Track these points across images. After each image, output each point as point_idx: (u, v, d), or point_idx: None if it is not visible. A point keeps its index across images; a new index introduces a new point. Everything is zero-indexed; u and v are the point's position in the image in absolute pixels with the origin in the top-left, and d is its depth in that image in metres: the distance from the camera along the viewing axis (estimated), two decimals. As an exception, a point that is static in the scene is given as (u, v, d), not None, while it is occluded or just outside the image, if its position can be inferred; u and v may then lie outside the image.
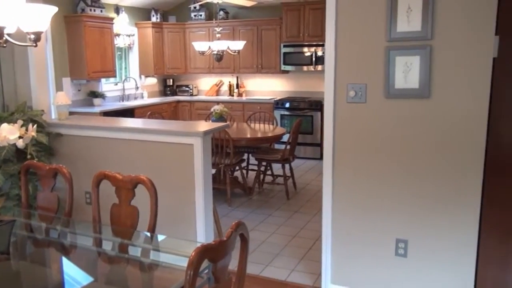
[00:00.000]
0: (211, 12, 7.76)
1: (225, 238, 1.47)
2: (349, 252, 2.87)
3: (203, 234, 3.26)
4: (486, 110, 2.43)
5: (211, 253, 1.40)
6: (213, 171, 4.56)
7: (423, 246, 2.67)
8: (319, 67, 7.01)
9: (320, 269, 3.02)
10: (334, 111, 2.77)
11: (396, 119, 2.61)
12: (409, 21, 2.48)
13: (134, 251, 2.31)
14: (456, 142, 2.51)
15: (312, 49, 7.06)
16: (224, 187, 4.92)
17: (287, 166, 5.31)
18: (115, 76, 6.96)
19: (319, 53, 6.96)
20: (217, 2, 5.65)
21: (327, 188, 2.86)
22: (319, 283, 3.08)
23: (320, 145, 6.81)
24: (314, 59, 7.06)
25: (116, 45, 7.07)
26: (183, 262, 1.39)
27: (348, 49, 2.67)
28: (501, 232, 2.58)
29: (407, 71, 2.53)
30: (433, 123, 2.53)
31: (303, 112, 7.01)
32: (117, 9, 7.14)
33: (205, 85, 8.37)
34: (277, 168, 5.86)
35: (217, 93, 8.23)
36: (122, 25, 7.23)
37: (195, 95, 8.26)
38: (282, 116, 7.16)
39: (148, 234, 2.29)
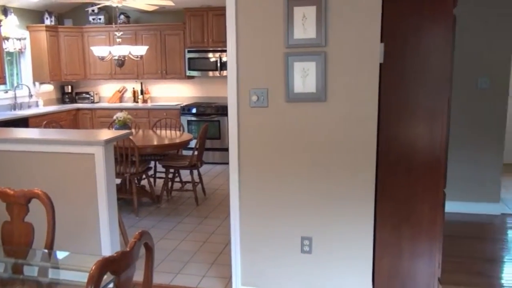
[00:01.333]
0: (111, 16, 7.48)
1: (128, 249, 1.42)
2: (257, 253, 2.93)
3: (109, 247, 3.12)
4: (376, 112, 2.63)
5: (113, 265, 1.35)
6: (118, 181, 4.40)
7: (326, 242, 2.82)
8: (224, 73, 7.08)
9: (231, 272, 3.05)
10: (238, 116, 2.82)
11: (296, 122, 2.73)
12: (304, 28, 2.61)
13: (31, 271, 2.14)
14: (351, 142, 2.68)
15: (217, 54, 7.11)
16: (131, 197, 4.76)
17: (195, 172, 5.28)
18: (4, 83, 6.40)
19: (224, 59, 7.04)
20: (117, 6, 5.46)
21: (234, 192, 2.90)
22: (230, 287, 3.11)
23: (228, 149, 6.88)
24: (219, 64, 7.12)
25: (5, 50, 6.52)
26: (85, 278, 1.33)
27: (249, 55, 2.74)
28: (393, 223, 2.82)
29: (305, 76, 2.66)
30: (330, 125, 2.69)
31: (210, 118, 7.03)
32: (5, 11, 6.58)
33: (107, 91, 8.03)
34: (185, 174, 5.80)
35: (121, 100, 7.94)
36: (11, 28, 6.68)
37: (97, 103, 7.89)
38: (189, 122, 7.11)
39: (46, 251, 2.14)
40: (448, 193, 4.96)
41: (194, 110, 7.11)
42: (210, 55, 7.14)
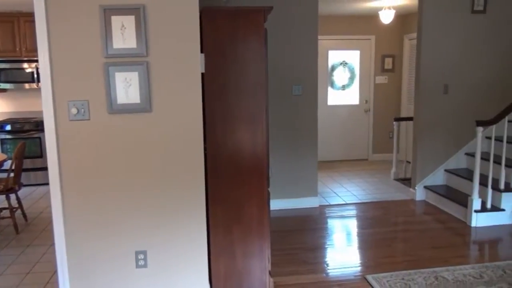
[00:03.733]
0: None
1: None
2: (89, 276, 2.75)
3: None
4: (201, 119, 2.71)
5: None
6: None
7: (162, 253, 2.79)
8: (43, 85, 6.47)
9: (60, 301, 2.79)
10: (57, 131, 2.60)
11: (122, 134, 2.65)
12: (124, 38, 2.56)
13: None
14: (179, 151, 2.71)
15: (33, 65, 6.47)
16: None
17: (13, 196, 4.70)
18: None
19: (42, 70, 6.43)
20: None
21: (57, 214, 2.66)
22: (60, 317, 2.84)
23: (52, 168, 6.30)
24: (36, 75, 6.48)
25: None
26: None
27: (66, 65, 2.56)
28: (225, 225, 2.94)
29: (128, 87, 2.60)
30: (157, 135, 2.68)
31: (28, 134, 6.34)
32: None
33: None
34: (0, 200, 5.12)
35: None
36: None
37: None
38: (2, 140, 6.30)
39: None
40: (272, 192, 5.41)
41: (8, 127, 6.33)
42: (25, 65, 6.46)
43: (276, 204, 5.21)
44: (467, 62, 5.34)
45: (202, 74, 2.74)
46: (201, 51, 2.71)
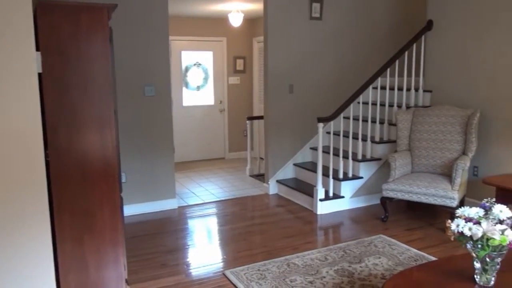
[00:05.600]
0: None
1: None
2: None
3: None
4: (40, 124, 2.48)
5: None
6: None
7: (-1, 275, 2.48)
8: None
9: None
10: None
11: None
12: None
13: None
14: (13, 161, 2.43)
15: None
16: None
17: None
18: None
19: None
20: None
21: None
22: None
23: None
24: None
25: None
26: None
27: None
28: (75, 236, 2.74)
29: None
30: (-13, 143, 2.37)
31: None
32: None
33: None
34: None
35: None
36: None
37: None
38: None
39: None
40: (129, 197, 5.24)
41: None
42: None
43: (133, 209, 5.04)
44: (308, 64, 5.84)
45: (40, 74, 2.51)
46: (37, 49, 2.47)
